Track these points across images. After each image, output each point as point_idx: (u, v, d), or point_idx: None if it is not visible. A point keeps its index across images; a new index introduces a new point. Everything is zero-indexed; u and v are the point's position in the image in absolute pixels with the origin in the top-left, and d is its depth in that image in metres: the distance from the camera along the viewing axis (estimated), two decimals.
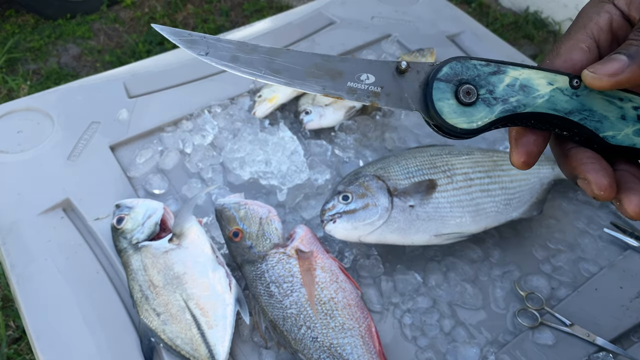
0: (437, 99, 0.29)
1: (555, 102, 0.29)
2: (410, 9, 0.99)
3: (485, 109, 0.29)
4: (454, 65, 0.29)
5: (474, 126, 0.29)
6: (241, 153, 0.70)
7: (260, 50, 0.29)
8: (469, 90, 0.29)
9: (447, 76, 0.29)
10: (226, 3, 2.23)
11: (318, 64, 0.29)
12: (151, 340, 0.53)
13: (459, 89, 0.29)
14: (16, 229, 0.62)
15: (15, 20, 2.11)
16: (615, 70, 0.27)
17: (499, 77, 0.29)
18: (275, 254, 0.55)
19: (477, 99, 0.29)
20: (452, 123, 0.29)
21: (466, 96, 0.28)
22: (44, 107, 0.77)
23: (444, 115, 0.29)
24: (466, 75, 0.29)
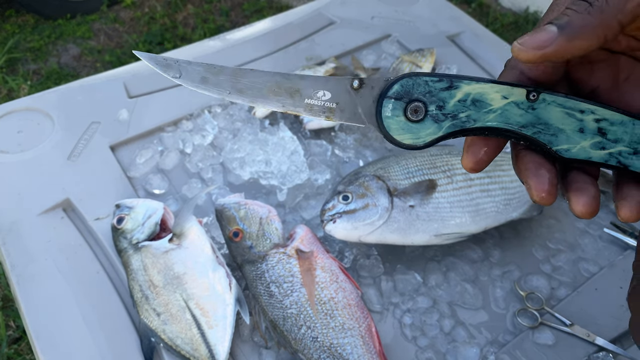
0: (385, 116, 0.30)
1: (508, 116, 0.29)
2: (410, 9, 0.99)
3: (432, 125, 0.29)
4: (406, 82, 0.29)
5: (419, 142, 0.30)
6: (241, 153, 0.70)
7: (227, 72, 0.31)
8: (417, 108, 0.29)
9: (397, 94, 0.30)
10: (226, 3, 2.23)
11: (279, 83, 0.31)
12: (151, 340, 0.53)
13: (408, 106, 0.29)
14: (16, 229, 0.62)
15: (15, 20, 2.11)
16: (542, 42, 0.25)
17: (451, 93, 0.29)
18: (276, 254, 0.55)
19: (425, 116, 0.29)
20: (398, 139, 0.30)
21: (414, 114, 0.29)
22: (44, 107, 0.77)
23: (391, 132, 0.30)
24: (417, 92, 0.29)
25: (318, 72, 0.80)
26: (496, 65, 0.87)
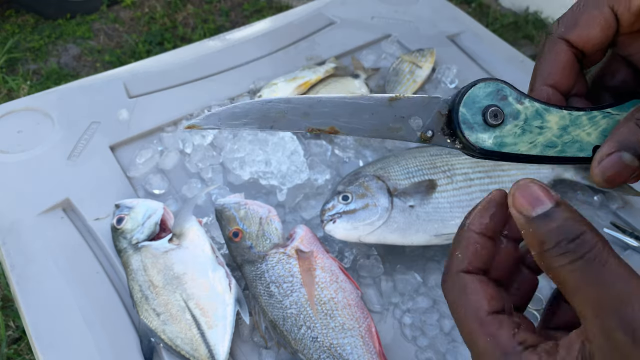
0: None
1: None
2: (410, 9, 0.99)
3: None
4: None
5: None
6: (241, 153, 0.70)
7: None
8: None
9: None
10: (226, 3, 2.23)
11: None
12: (151, 340, 0.53)
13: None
14: (16, 229, 0.62)
15: (15, 20, 2.11)
16: (626, 176, 0.25)
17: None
18: (275, 254, 0.55)
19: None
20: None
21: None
22: (44, 107, 0.77)
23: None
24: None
25: (318, 72, 0.80)
26: (496, 65, 0.87)
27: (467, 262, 0.27)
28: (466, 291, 0.26)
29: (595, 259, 0.22)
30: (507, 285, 0.29)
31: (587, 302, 0.22)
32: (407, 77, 0.82)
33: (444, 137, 0.28)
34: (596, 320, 0.22)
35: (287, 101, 0.27)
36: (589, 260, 0.22)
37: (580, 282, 0.22)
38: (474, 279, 0.26)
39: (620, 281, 0.22)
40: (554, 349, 0.23)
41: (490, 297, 0.25)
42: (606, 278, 0.22)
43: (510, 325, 0.25)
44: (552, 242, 0.23)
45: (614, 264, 0.22)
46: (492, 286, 0.26)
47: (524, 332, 0.25)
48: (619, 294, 0.21)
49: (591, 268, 0.22)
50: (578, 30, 0.28)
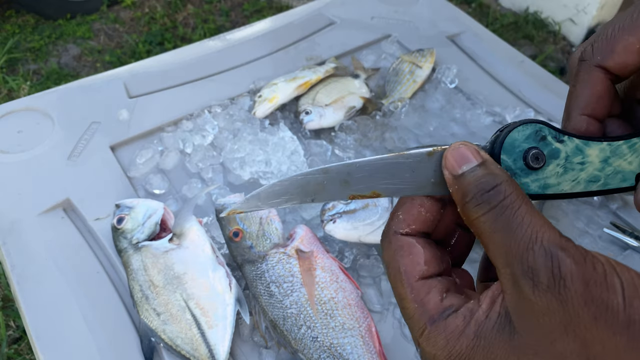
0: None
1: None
2: (410, 9, 0.99)
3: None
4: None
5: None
6: (241, 153, 0.70)
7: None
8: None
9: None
10: (226, 3, 2.23)
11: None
12: (151, 340, 0.53)
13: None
14: (16, 229, 0.62)
15: (15, 20, 2.11)
16: None
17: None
18: (276, 254, 0.55)
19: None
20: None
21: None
22: (44, 107, 0.77)
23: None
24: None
25: (318, 72, 0.80)
26: (496, 66, 0.88)
27: (406, 224, 0.27)
28: (401, 254, 0.26)
29: (507, 208, 0.23)
30: (446, 242, 0.29)
31: (499, 251, 0.23)
32: (407, 77, 0.82)
33: None
34: (506, 269, 0.22)
35: (324, 171, 0.26)
36: (500, 209, 0.23)
37: (491, 231, 0.23)
38: (410, 242, 0.26)
39: (526, 227, 0.22)
40: (476, 305, 0.24)
41: (425, 260, 0.26)
42: (513, 225, 0.22)
43: (440, 290, 0.25)
44: (470, 194, 0.24)
45: (524, 211, 0.22)
46: (430, 249, 0.26)
47: (452, 296, 0.25)
48: (523, 239, 0.22)
49: (502, 216, 0.23)
50: (615, 58, 0.29)
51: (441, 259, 0.27)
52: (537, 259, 0.21)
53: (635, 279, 0.21)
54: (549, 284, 0.21)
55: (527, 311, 0.21)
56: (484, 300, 0.24)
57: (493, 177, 0.24)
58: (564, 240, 0.22)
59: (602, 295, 0.20)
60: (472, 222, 0.24)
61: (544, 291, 0.21)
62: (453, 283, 0.26)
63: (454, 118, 0.79)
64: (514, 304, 0.22)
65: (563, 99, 0.98)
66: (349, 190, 0.26)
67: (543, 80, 0.85)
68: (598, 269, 0.21)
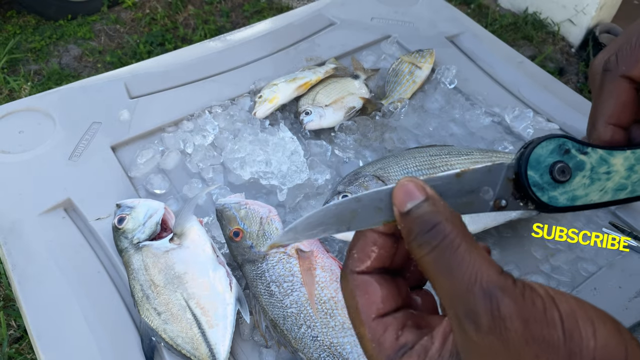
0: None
1: None
2: (409, 10, 1.00)
3: None
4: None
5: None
6: (242, 153, 0.71)
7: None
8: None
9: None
10: (227, 4, 2.24)
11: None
12: (152, 339, 0.53)
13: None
14: (17, 228, 0.63)
15: (16, 21, 2.11)
16: None
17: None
18: (276, 254, 0.55)
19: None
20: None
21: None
22: (45, 108, 0.77)
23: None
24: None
25: (318, 73, 0.81)
26: (495, 66, 0.88)
27: (361, 263, 0.27)
28: (358, 293, 0.26)
29: (447, 248, 0.23)
30: (405, 268, 0.29)
31: (443, 292, 0.23)
32: (407, 78, 0.82)
33: (516, 202, 0.28)
34: (450, 311, 0.22)
35: (357, 200, 0.27)
36: (441, 250, 0.23)
37: (434, 272, 0.23)
38: (366, 281, 0.26)
39: (466, 268, 0.22)
40: (429, 343, 0.24)
41: (381, 298, 0.26)
42: (455, 266, 0.22)
43: (396, 328, 0.25)
44: (414, 233, 0.24)
45: (464, 250, 0.23)
46: (386, 285, 0.26)
47: (408, 332, 0.25)
48: (464, 281, 0.22)
49: (442, 258, 0.23)
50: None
51: (398, 292, 0.27)
52: (477, 301, 0.21)
53: (576, 308, 0.21)
54: (489, 325, 0.21)
55: (473, 352, 0.22)
56: (437, 337, 0.24)
57: (434, 215, 0.24)
58: (503, 278, 0.22)
59: (543, 332, 0.20)
60: (418, 260, 0.24)
61: (485, 333, 0.21)
62: (410, 316, 0.26)
63: (453, 118, 0.80)
64: (461, 344, 0.22)
65: (562, 99, 0.99)
66: (382, 216, 0.26)
67: (542, 81, 0.86)
68: (537, 304, 0.21)
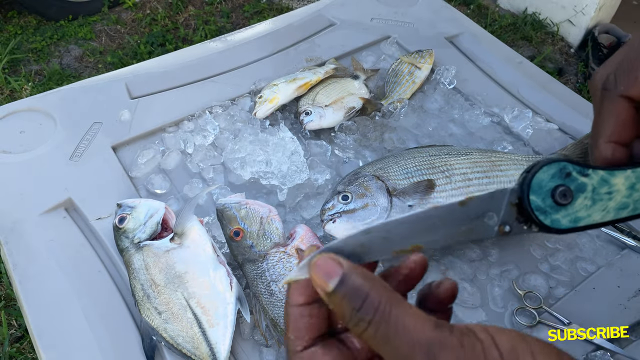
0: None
1: None
2: (409, 11, 1.00)
3: None
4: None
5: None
6: (242, 153, 0.71)
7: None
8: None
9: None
10: (227, 4, 2.24)
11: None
12: (153, 338, 0.54)
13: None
14: (18, 228, 0.63)
15: (17, 21, 2.11)
16: None
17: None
18: (276, 253, 0.55)
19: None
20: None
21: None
22: (46, 108, 0.78)
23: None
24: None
25: (318, 73, 0.81)
26: (495, 67, 0.88)
27: (300, 340, 0.27)
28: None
29: (382, 321, 0.23)
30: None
31: (390, 358, 0.23)
32: (407, 78, 0.83)
33: (520, 225, 0.29)
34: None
35: (366, 232, 0.27)
36: (377, 324, 0.23)
37: (377, 344, 0.23)
38: (310, 355, 0.26)
39: (402, 333, 0.22)
40: None
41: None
42: (392, 335, 0.23)
43: None
44: (347, 315, 0.24)
45: (397, 317, 0.23)
46: (331, 352, 0.26)
47: None
48: (404, 347, 0.22)
49: (379, 331, 0.23)
50: (639, 87, 0.29)
51: (347, 354, 0.27)
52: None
53: (516, 344, 0.21)
54: None
55: None
56: None
57: (359, 289, 0.24)
58: (439, 331, 0.22)
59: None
60: (359, 337, 0.24)
61: None
62: None
63: (453, 118, 0.80)
64: None
65: (561, 100, 0.99)
66: (391, 246, 0.27)
67: (541, 81, 0.86)
68: (476, 348, 0.21)
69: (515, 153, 0.69)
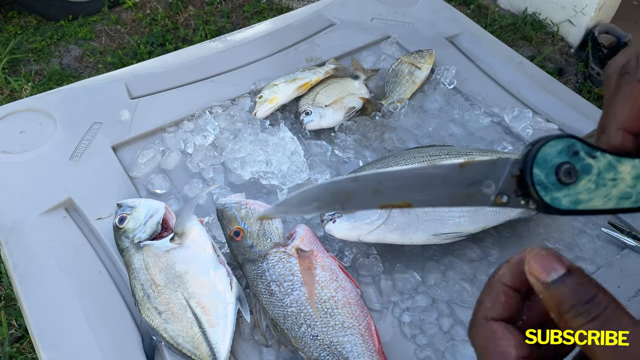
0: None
1: None
2: (409, 11, 1.00)
3: None
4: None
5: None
6: (242, 153, 0.71)
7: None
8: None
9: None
10: (227, 4, 2.24)
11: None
12: (153, 338, 0.54)
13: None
14: (19, 228, 0.63)
15: (17, 21, 2.12)
16: None
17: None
18: (276, 253, 0.55)
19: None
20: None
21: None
22: (46, 108, 0.78)
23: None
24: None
25: (318, 73, 0.81)
26: (495, 67, 0.88)
27: (495, 311, 0.28)
28: (496, 336, 0.27)
29: (609, 319, 0.24)
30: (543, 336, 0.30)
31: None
32: (407, 78, 0.83)
33: (517, 199, 0.28)
34: None
35: (354, 179, 0.26)
36: (603, 320, 0.24)
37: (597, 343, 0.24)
38: (501, 326, 0.27)
39: (634, 339, 0.23)
40: None
41: (517, 344, 0.27)
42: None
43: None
44: (567, 305, 0.24)
45: (628, 323, 0.23)
46: (519, 334, 0.27)
47: None
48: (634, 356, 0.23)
49: (606, 326, 0.23)
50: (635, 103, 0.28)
51: (524, 343, 0.28)
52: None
53: None
54: None
55: None
56: None
57: (588, 287, 0.25)
58: None
59: None
60: (574, 329, 0.24)
61: None
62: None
63: (453, 118, 0.80)
64: None
65: (561, 100, 0.99)
66: (379, 199, 0.26)
67: (541, 81, 0.86)
68: None
69: (515, 153, 0.69)
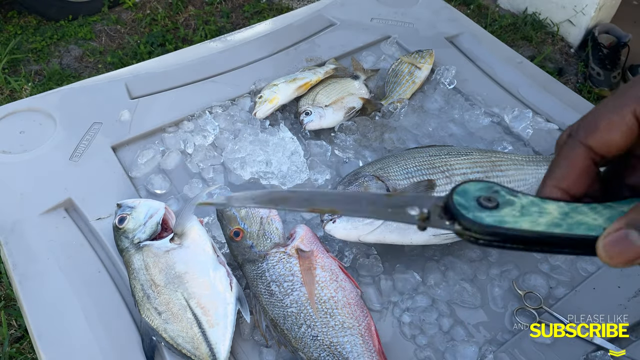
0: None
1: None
2: (409, 11, 1.00)
3: None
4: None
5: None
6: (242, 153, 0.71)
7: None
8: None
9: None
10: (227, 5, 2.24)
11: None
12: (152, 339, 0.54)
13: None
14: (18, 228, 0.63)
15: (17, 21, 2.11)
16: (631, 256, 0.24)
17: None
18: (276, 253, 0.55)
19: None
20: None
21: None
22: (46, 108, 0.78)
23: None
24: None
25: (318, 74, 0.81)
26: (495, 67, 0.88)
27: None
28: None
29: None
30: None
31: None
32: (407, 78, 0.83)
33: (442, 220, 0.28)
34: None
35: (292, 192, 0.32)
36: None
37: None
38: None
39: None
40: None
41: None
42: None
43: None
44: None
45: None
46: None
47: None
48: None
49: None
50: (598, 136, 0.28)
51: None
52: None
53: None
54: None
55: None
56: None
57: None
58: None
59: None
60: None
61: None
62: None
63: (453, 119, 0.80)
64: None
65: (561, 100, 0.99)
66: (309, 204, 0.31)
67: (541, 81, 0.86)
68: None
69: (516, 153, 0.69)
